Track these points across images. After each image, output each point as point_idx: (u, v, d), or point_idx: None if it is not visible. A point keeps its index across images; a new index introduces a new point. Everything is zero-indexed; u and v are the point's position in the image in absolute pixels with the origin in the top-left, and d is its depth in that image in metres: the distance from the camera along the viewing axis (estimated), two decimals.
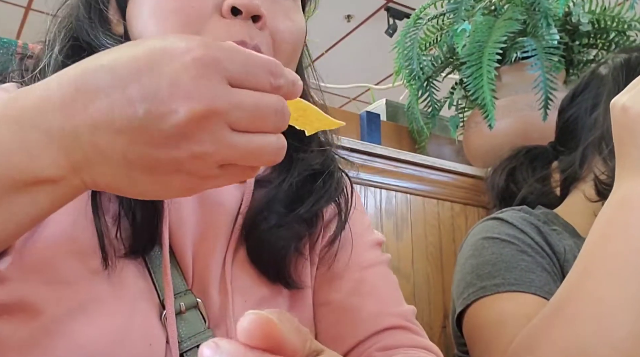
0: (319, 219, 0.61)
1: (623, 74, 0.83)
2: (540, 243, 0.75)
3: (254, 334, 0.26)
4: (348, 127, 1.47)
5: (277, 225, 0.56)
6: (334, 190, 0.61)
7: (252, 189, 0.58)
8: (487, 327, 0.68)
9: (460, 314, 0.75)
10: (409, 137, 1.60)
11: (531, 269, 0.72)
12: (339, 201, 0.62)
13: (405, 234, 1.30)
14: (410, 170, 1.33)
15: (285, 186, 0.58)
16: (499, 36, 1.30)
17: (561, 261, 0.75)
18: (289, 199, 0.58)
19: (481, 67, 1.30)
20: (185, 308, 0.51)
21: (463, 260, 0.80)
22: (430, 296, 1.29)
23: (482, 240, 0.78)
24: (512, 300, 0.69)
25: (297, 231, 0.57)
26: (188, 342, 0.50)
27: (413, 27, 1.54)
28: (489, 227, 0.80)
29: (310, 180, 0.59)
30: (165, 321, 0.49)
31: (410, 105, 1.56)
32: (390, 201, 1.30)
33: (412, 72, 1.51)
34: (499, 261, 0.73)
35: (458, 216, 1.41)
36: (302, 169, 0.59)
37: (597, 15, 1.40)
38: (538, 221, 0.79)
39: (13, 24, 4.01)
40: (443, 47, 1.53)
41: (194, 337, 0.50)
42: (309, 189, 0.59)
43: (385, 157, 1.29)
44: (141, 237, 0.50)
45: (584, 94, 0.89)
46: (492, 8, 1.46)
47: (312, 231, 0.60)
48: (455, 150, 1.64)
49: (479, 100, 1.30)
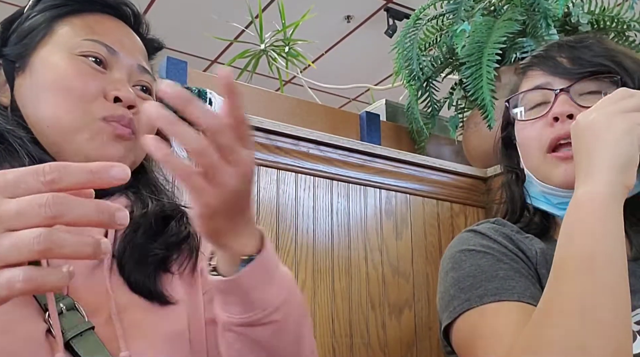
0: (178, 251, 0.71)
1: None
2: (514, 250, 0.79)
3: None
4: (348, 128, 1.48)
5: (143, 255, 0.66)
6: (185, 227, 0.72)
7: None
8: (481, 338, 0.70)
9: (448, 327, 0.77)
10: (409, 137, 1.61)
11: (510, 276, 0.74)
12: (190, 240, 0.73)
13: (404, 234, 1.30)
14: (409, 170, 1.33)
15: (145, 224, 0.69)
16: (499, 37, 1.30)
17: (535, 264, 0.78)
18: (150, 233, 0.69)
19: (481, 68, 1.30)
20: (66, 309, 0.58)
21: (444, 274, 0.82)
22: (430, 296, 1.29)
23: (459, 253, 0.81)
24: (499, 310, 0.71)
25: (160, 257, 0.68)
26: (70, 332, 0.57)
27: (413, 28, 1.54)
28: (464, 239, 0.83)
29: (165, 221, 0.72)
30: (49, 319, 0.57)
31: (409, 106, 1.56)
32: (389, 201, 1.30)
33: (412, 73, 1.51)
34: (478, 272, 0.76)
35: (457, 216, 1.41)
36: (156, 211, 0.71)
37: (596, 16, 1.41)
38: (511, 231, 0.82)
39: None
40: (443, 48, 1.53)
41: (75, 328, 0.57)
42: (165, 225, 0.71)
43: (384, 157, 1.30)
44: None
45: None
46: (492, 9, 1.46)
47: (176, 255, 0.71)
48: (455, 151, 1.64)
49: (479, 100, 1.30)
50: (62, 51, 0.69)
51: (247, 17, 2.22)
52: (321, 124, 1.41)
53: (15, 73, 0.70)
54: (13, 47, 0.71)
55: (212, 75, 1.24)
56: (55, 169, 0.39)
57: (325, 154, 1.21)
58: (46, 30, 0.70)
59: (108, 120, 0.67)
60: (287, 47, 2.04)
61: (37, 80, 0.68)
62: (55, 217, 0.38)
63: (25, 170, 0.39)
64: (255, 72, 2.04)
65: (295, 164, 1.17)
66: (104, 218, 0.39)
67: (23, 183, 0.39)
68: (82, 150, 0.66)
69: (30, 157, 0.65)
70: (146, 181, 0.77)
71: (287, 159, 1.16)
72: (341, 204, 1.22)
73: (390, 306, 1.22)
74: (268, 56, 2.04)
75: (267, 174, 1.14)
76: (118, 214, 0.40)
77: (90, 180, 0.40)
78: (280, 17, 2.07)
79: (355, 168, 1.25)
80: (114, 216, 0.39)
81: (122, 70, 0.71)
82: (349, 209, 1.23)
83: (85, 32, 0.70)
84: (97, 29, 0.71)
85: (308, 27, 2.25)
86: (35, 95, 0.68)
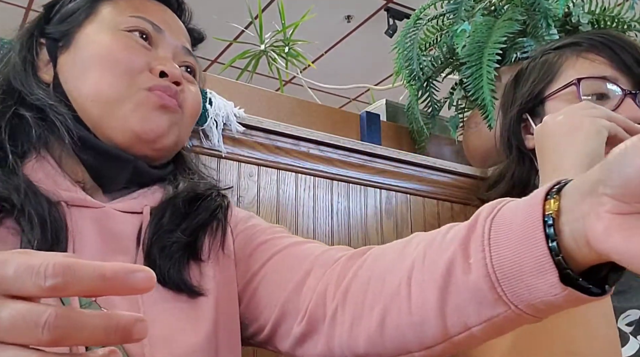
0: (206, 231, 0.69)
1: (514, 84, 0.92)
2: None
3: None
4: (348, 128, 1.47)
5: (169, 242, 0.64)
6: (212, 205, 0.70)
7: (149, 214, 0.66)
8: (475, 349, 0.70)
9: None
10: (409, 137, 1.60)
11: None
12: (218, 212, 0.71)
13: (405, 234, 1.30)
14: (410, 170, 1.33)
15: (171, 207, 0.67)
16: (499, 36, 1.30)
17: None
18: (177, 217, 0.67)
19: (481, 68, 1.30)
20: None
21: None
22: None
23: None
24: None
25: (186, 242, 0.66)
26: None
27: (413, 28, 1.54)
28: None
29: (194, 202, 0.70)
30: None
31: (410, 106, 1.56)
32: (390, 201, 1.30)
33: (412, 73, 1.51)
34: None
35: (458, 216, 1.41)
36: (186, 192, 0.70)
37: (597, 16, 1.40)
38: None
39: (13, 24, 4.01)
40: (443, 48, 1.53)
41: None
42: (193, 207, 0.69)
43: (385, 157, 1.29)
44: None
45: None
46: (492, 8, 1.46)
47: (204, 242, 0.68)
48: (455, 151, 1.64)
49: (479, 100, 1.30)
50: (107, 27, 0.68)
51: (247, 17, 2.22)
52: (321, 124, 1.41)
53: (59, 52, 0.69)
54: (57, 26, 0.70)
55: (212, 76, 1.24)
56: (60, 273, 0.31)
57: (325, 154, 1.21)
58: (90, 9, 0.70)
59: (153, 89, 0.66)
60: (287, 47, 2.04)
61: (81, 56, 0.67)
62: (55, 341, 0.31)
63: (25, 265, 0.32)
64: (255, 72, 2.04)
65: (296, 164, 1.17)
66: (116, 338, 0.32)
67: (19, 283, 0.32)
68: (126, 123, 0.65)
69: (70, 134, 0.63)
70: (182, 167, 0.76)
71: (287, 159, 1.16)
72: (341, 204, 1.22)
73: None
74: (268, 56, 2.04)
75: (267, 174, 1.14)
76: (137, 328, 0.32)
77: (103, 288, 0.32)
78: (280, 18, 2.06)
79: (355, 168, 1.25)
80: (131, 332, 0.32)
81: (167, 49, 0.70)
82: (349, 209, 1.23)
83: (130, 10, 0.70)
84: (142, 8, 0.71)
85: (308, 27, 2.25)
86: (79, 71, 0.66)
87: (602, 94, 0.81)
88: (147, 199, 0.69)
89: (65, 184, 0.63)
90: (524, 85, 0.88)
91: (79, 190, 0.63)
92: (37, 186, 0.59)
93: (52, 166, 0.64)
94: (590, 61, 0.83)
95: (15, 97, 0.66)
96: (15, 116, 0.65)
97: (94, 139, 0.65)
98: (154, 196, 0.70)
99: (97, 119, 0.65)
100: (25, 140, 0.63)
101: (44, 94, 0.66)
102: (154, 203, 0.69)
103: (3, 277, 0.32)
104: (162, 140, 0.68)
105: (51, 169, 0.63)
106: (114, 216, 0.64)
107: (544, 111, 0.85)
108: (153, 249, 0.64)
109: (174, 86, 0.67)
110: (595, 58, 0.83)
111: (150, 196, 0.69)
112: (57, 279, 0.31)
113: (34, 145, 0.63)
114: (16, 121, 0.64)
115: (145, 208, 0.67)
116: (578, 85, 0.81)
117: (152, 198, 0.69)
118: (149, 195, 0.70)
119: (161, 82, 0.66)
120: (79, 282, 0.32)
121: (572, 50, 0.85)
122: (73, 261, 0.32)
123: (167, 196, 0.69)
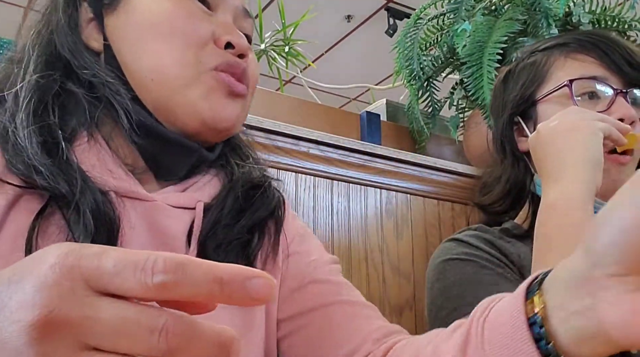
0: (264, 230, 0.63)
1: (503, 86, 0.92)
2: (496, 255, 0.79)
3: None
4: (348, 128, 1.47)
5: (226, 239, 0.58)
6: (271, 200, 0.64)
7: (202, 211, 0.60)
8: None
9: None
10: (409, 137, 1.60)
11: (495, 282, 0.75)
12: (276, 210, 0.65)
13: (405, 234, 1.30)
14: (410, 170, 1.33)
15: (230, 200, 0.61)
16: (500, 36, 1.30)
17: (518, 266, 0.78)
18: (235, 211, 0.61)
19: (481, 67, 1.30)
20: None
21: (430, 284, 0.83)
22: None
23: (443, 263, 0.81)
24: None
25: (244, 240, 0.60)
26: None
27: (413, 27, 1.54)
28: (447, 249, 0.83)
29: (251, 194, 0.63)
30: None
31: (410, 106, 1.56)
32: (390, 201, 1.30)
33: (413, 72, 1.51)
34: (463, 280, 0.76)
35: (459, 216, 1.40)
36: (243, 182, 0.63)
37: (597, 16, 1.40)
38: (493, 237, 0.82)
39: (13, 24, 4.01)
40: (443, 47, 1.52)
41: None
42: (250, 201, 0.63)
43: (385, 157, 1.29)
44: None
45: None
46: (493, 8, 1.46)
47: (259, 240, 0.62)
48: (456, 151, 1.64)
49: (480, 100, 1.30)
50: None
51: None
52: (321, 123, 1.41)
53: (104, 10, 0.59)
54: None
55: None
56: (171, 269, 0.26)
57: (325, 154, 1.21)
58: None
59: (219, 69, 0.58)
60: (287, 47, 2.04)
61: (135, 22, 0.58)
62: (170, 353, 0.26)
63: (127, 260, 0.27)
64: None
65: (296, 164, 1.17)
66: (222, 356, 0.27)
67: (120, 279, 0.27)
68: (195, 110, 0.57)
69: (129, 118, 0.55)
70: (233, 145, 0.69)
71: (287, 159, 1.16)
72: (341, 204, 1.22)
73: (390, 306, 1.22)
74: (268, 56, 2.04)
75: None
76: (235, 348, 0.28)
77: (218, 294, 0.27)
78: (280, 17, 2.06)
79: (355, 168, 1.25)
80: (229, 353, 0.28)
81: (227, 12, 0.62)
82: (350, 209, 1.23)
83: None
84: None
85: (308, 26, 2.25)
86: (135, 40, 0.57)
87: (593, 94, 0.80)
88: (202, 191, 0.62)
89: (119, 172, 0.56)
90: (514, 88, 0.88)
91: (131, 180, 0.56)
92: (90, 177, 0.53)
93: (105, 150, 0.56)
94: (579, 62, 0.83)
95: (61, 68, 0.57)
96: (63, 92, 0.56)
97: (156, 125, 0.58)
98: (208, 186, 0.63)
99: (160, 101, 0.57)
100: (75, 120, 0.55)
101: (96, 66, 0.57)
102: (208, 196, 0.62)
103: (102, 271, 0.27)
104: (231, 129, 0.61)
105: (105, 154, 0.56)
106: (165, 211, 0.57)
107: (536, 114, 0.85)
108: (207, 245, 0.57)
109: (241, 63, 0.60)
110: (584, 58, 0.82)
111: (204, 188, 0.62)
112: (168, 276, 0.26)
113: (84, 126, 0.56)
114: (64, 98, 0.56)
115: (198, 204, 0.60)
116: (570, 87, 0.81)
117: (206, 190, 0.62)
118: (203, 186, 0.63)
119: (229, 59, 0.59)
120: (193, 283, 0.26)
121: (560, 51, 0.85)
122: (185, 257, 0.27)
123: (224, 187, 0.62)
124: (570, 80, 0.81)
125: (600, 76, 0.80)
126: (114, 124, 0.58)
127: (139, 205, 0.56)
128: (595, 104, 0.79)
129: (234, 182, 0.62)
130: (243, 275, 0.27)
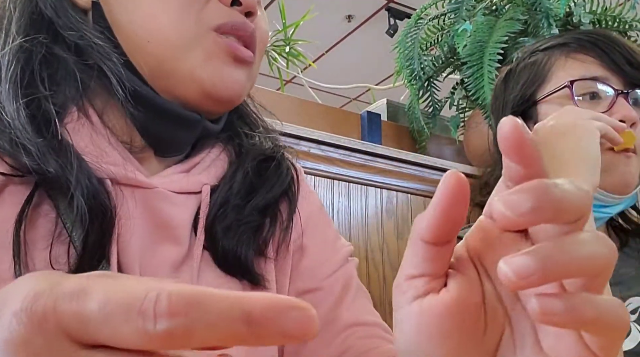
0: (276, 211, 0.58)
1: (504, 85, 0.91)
2: None
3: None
4: (349, 127, 1.47)
5: (237, 221, 0.53)
6: (285, 176, 0.59)
7: (208, 196, 0.54)
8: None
9: None
10: (410, 137, 1.60)
11: None
12: (290, 188, 0.59)
13: (406, 234, 1.30)
14: (410, 170, 1.33)
15: (239, 176, 0.55)
16: (500, 36, 1.30)
17: None
18: (245, 189, 0.55)
19: (482, 67, 1.30)
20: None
21: None
22: None
23: None
24: None
25: (255, 225, 0.55)
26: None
27: (414, 27, 1.54)
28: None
29: (263, 168, 0.57)
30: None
31: (411, 106, 1.56)
32: (391, 201, 1.30)
33: (413, 72, 1.51)
34: None
35: None
36: (254, 155, 0.57)
37: (598, 16, 1.40)
38: None
39: None
40: (444, 47, 1.53)
41: None
42: (262, 176, 0.57)
43: (385, 157, 1.29)
44: (91, 257, 0.46)
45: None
46: (493, 8, 1.46)
47: (272, 224, 0.57)
48: (456, 151, 1.64)
49: (480, 100, 1.30)
50: None
51: None
52: (322, 123, 1.41)
53: None
54: None
55: None
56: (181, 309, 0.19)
57: (326, 153, 1.21)
58: None
59: (223, 31, 0.51)
60: (288, 46, 2.04)
61: None
62: None
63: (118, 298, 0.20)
64: None
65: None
66: None
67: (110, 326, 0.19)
68: (194, 76, 0.51)
69: (123, 87, 0.49)
70: (240, 113, 0.62)
71: None
72: (342, 204, 1.22)
73: (391, 306, 1.21)
74: (269, 56, 2.04)
75: None
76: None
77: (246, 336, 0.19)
78: (281, 17, 2.06)
79: (356, 168, 1.25)
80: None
81: None
82: (350, 209, 1.23)
83: None
84: None
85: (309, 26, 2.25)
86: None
87: (594, 95, 0.81)
88: (208, 172, 0.56)
89: (114, 155, 0.50)
90: (514, 88, 0.88)
91: (128, 165, 0.50)
92: (84, 159, 0.47)
93: (98, 128, 0.50)
94: (580, 62, 0.83)
95: (45, 29, 0.50)
96: (51, 57, 0.49)
97: (152, 94, 0.51)
98: (214, 165, 0.57)
99: (156, 66, 0.51)
100: (65, 93, 0.49)
101: (85, 28, 0.50)
102: (215, 177, 0.56)
103: (84, 317, 0.20)
104: (235, 100, 0.55)
105: (98, 133, 0.50)
106: (167, 198, 0.51)
107: (536, 113, 0.85)
108: (215, 230, 0.52)
109: (249, 25, 0.53)
110: (585, 58, 0.83)
111: (210, 168, 0.56)
112: (176, 320, 0.19)
113: (74, 101, 0.49)
114: (53, 66, 0.49)
115: (204, 187, 0.54)
116: (571, 88, 0.81)
117: (212, 170, 0.56)
118: (210, 165, 0.57)
119: (235, 20, 0.52)
120: (211, 325, 0.19)
121: (560, 51, 0.85)
122: (198, 291, 0.19)
123: (232, 163, 0.56)
124: (571, 81, 0.81)
125: (600, 76, 0.81)
126: (107, 96, 0.51)
127: (138, 192, 0.50)
128: (596, 104, 0.80)
129: (243, 155, 0.57)
130: (277, 307, 0.19)
